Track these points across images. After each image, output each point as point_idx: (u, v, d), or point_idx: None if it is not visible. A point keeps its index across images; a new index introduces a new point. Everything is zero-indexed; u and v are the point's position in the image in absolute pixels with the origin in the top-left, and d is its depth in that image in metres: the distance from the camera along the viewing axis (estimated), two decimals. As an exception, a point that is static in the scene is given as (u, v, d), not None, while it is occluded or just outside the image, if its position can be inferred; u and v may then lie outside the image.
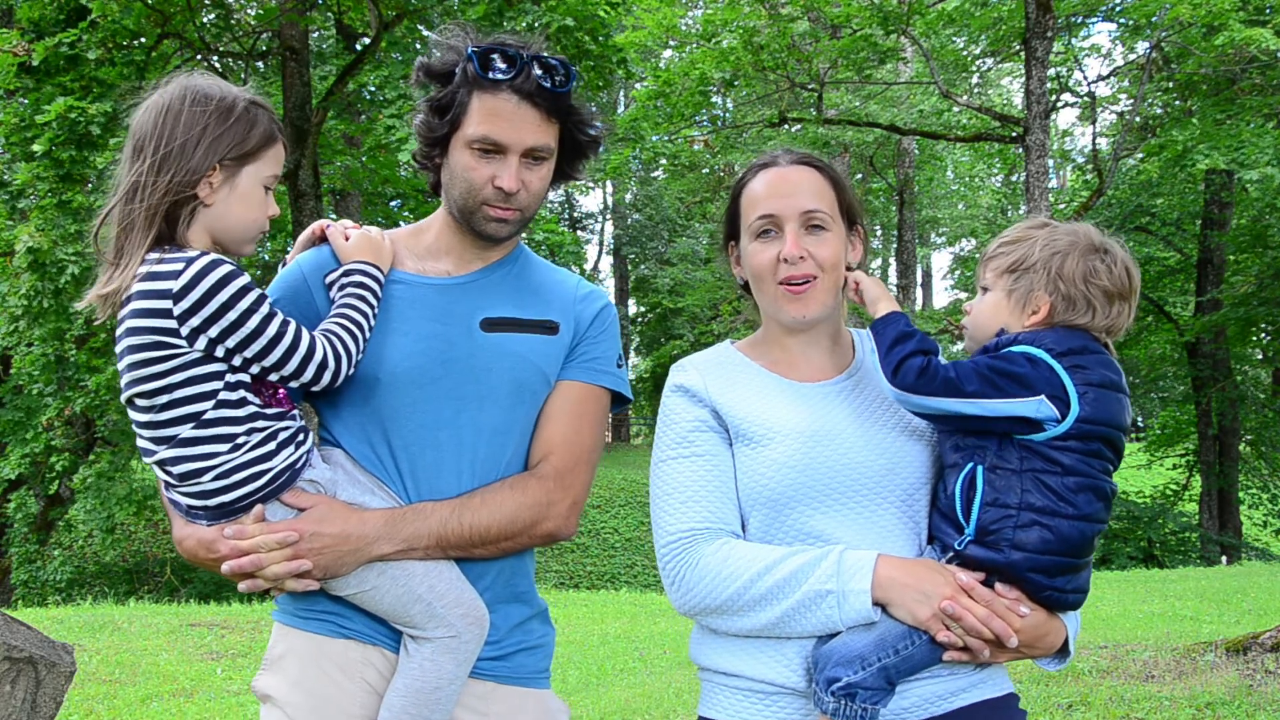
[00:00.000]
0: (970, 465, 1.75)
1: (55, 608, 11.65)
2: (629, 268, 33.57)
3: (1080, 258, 1.80)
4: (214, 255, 1.73)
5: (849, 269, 1.99)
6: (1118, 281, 1.80)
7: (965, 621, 1.69)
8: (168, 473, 1.78)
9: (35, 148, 11.31)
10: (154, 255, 1.73)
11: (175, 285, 1.68)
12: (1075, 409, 1.70)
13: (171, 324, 1.69)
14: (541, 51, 1.90)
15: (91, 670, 6.63)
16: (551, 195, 2.10)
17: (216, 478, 1.75)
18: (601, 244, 36.13)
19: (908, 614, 1.70)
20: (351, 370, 1.85)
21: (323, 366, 1.80)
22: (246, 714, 5.79)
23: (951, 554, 1.76)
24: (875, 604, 1.71)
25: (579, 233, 34.53)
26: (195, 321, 1.69)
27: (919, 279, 34.52)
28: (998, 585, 1.73)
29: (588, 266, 29.08)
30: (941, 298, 44.80)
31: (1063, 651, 1.83)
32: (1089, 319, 1.80)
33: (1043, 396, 1.69)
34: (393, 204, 18.50)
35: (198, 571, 16.19)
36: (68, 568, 16.68)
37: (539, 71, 1.87)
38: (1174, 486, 21.37)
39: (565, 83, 1.90)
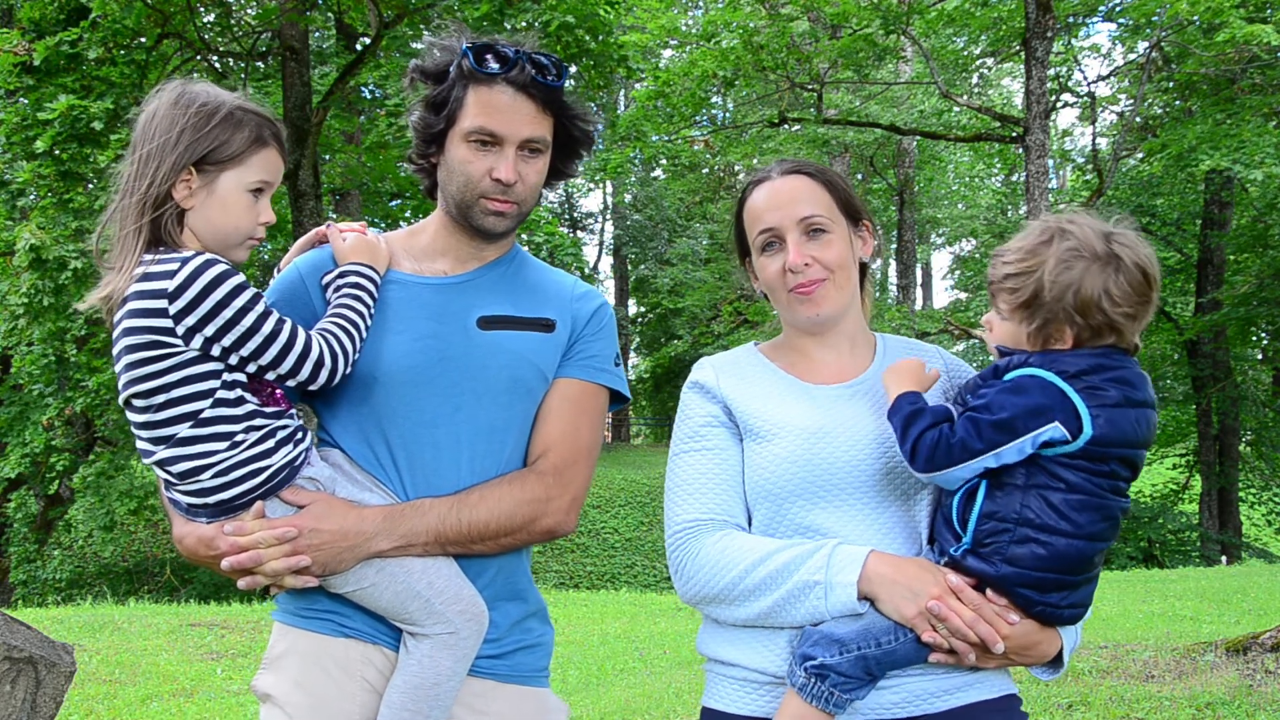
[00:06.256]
0: (973, 479, 1.74)
1: (55, 608, 11.65)
2: (629, 268, 33.55)
3: (1098, 284, 1.69)
4: (209, 255, 1.73)
5: (862, 265, 2.02)
6: (1139, 291, 1.72)
7: (951, 623, 1.69)
8: (167, 472, 1.78)
9: (38, 145, 11.31)
10: (149, 256, 1.74)
11: (171, 285, 1.69)
12: (1087, 432, 1.66)
13: (167, 323, 1.70)
14: (534, 50, 1.92)
15: (91, 670, 6.63)
16: (551, 195, 2.11)
17: (215, 475, 1.75)
18: (601, 244, 36.12)
19: (894, 610, 1.71)
20: (348, 369, 1.85)
21: (319, 365, 1.80)
22: (246, 714, 5.79)
23: (947, 559, 1.76)
24: (863, 598, 1.73)
25: (579, 233, 34.53)
26: (191, 320, 1.70)
27: (919, 279, 34.52)
28: (988, 591, 1.72)
29: (587, 267, 29.04)
30: (941, 298, 44.88)
31: (1056, 662, 1.81)
32: (1115, 340, 1.74)
33: (1056, 423, 1.66)
34: (393, 203, 18.51)
35: (198, 571, 16.20)
36: (67, 567, 16.69)
37: (531, 68, 1.90)
38: (1174, 486, 21.38)
39: (558, 78, 1.93)
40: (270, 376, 1.79)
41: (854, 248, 1.99)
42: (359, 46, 15.41)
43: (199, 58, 14.20)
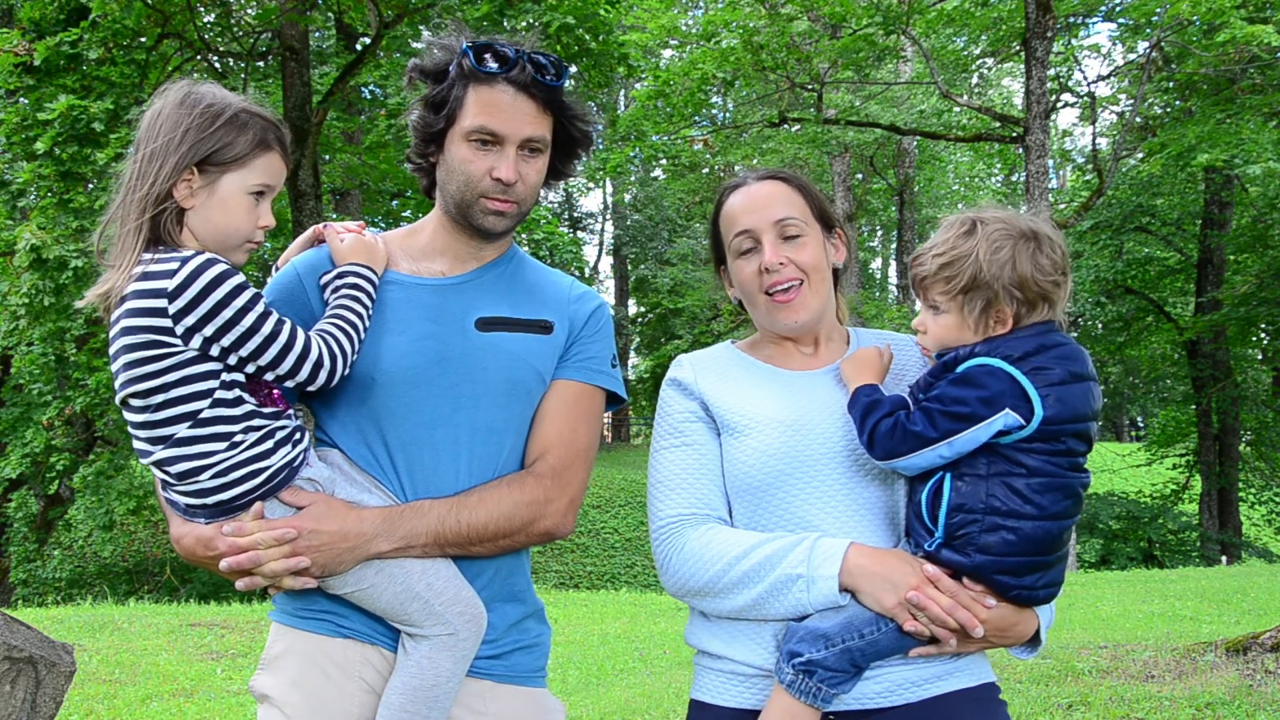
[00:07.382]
0: (938, 475, 1.78)
1: (55, 608, 11.64)
2: (629, 268, 33.56)
3: (1029, 259, 1.79)
4: (209, 255, 1.73)
5: (835, 272, 2.07)
6: (1061, 263, 1.82)
7: (930, 611, 1.72)
8: (165, 472, 1.78)
9: (38, 146, 11.31)
10: (149, 255, 1.74)
11: (170, 284, 1.69)
12: (1039, 413, 1.71)
13: (167, 323, 1.69)
14: (534, 50, 1.93)
15: (91, 670, 6.63)
16: (551, 195, 2.12)
17: (214, 476, 1.75)
18: (601, 244, 36.12)
19: (874, 601, 1.75)
20: (347, 370, 1.85)
21: (318, 366, 1.80)
22: (246, 714, 5.79)
23: (922, 554, 1.79)
24: (844, 590, 1.76)
25: (579, 233, 34.53)
26: (190, 320, 1.69)
27: (919, 279, 34.46)
28: (964, 579, 1.76)
29: (587, 268, 29.05)
30: (942, 298, 44.76)
31: (1034, 641, 1.86)
32: (1049, 313, 1.82)
33: (1007, 409, 1.71)
34: (393, 202, 18.52)
35: (197, 571, 16.19)
36: (67, 567, 16.68)
37: (531, 68, 1.90)
38: (1174, 486, 21.39)
39: (558, 78, 1.93)
40: (269, 377, 1.79)
41: (827, 253, 2.03)
42: (359, 46, 15.43)
43: (199, 58, 14.20)
